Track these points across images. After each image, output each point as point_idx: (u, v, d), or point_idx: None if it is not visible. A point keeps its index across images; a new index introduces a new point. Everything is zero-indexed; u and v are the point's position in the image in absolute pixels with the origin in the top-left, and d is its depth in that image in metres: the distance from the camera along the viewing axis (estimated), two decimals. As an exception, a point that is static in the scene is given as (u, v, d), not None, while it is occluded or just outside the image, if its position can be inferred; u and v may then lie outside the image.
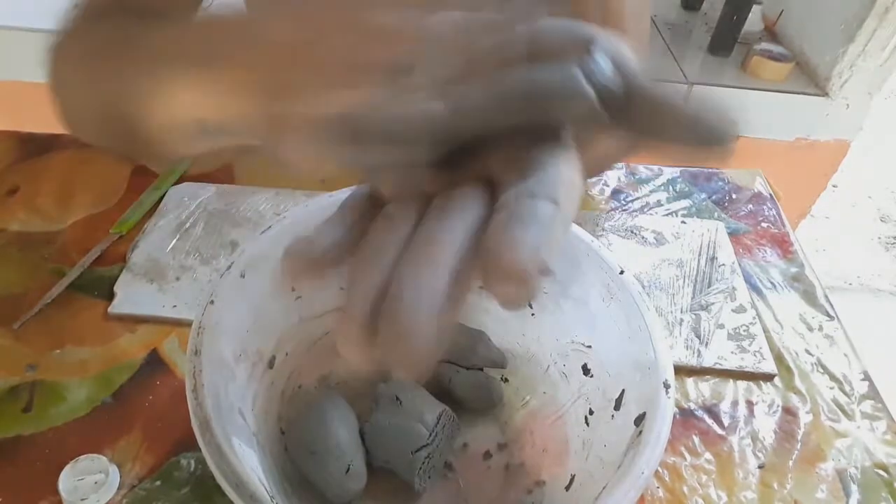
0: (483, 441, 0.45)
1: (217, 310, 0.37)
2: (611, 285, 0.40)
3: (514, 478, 0.43)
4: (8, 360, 0.49)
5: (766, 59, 1.33)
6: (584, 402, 0.42)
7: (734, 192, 0.70)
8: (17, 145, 0.70)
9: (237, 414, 0.37)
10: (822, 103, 1.33)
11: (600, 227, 0.63)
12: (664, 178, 0.71)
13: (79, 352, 0.50)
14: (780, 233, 0.66)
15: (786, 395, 0.50)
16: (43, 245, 0.58)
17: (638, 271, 0.59)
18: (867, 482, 0.45)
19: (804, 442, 0.47)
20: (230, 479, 0.30)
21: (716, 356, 0.52)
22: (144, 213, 0.62)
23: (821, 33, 1.35)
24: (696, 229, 0.64)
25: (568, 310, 0.44)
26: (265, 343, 0.42)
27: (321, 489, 0.39)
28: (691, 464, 0.46)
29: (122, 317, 0.53)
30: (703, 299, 0.57)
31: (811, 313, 0.57)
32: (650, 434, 0.33)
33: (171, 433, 0.45)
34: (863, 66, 1.28)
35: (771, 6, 1.48)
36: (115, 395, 0.47)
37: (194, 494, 0.42)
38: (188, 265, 0.57)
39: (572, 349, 0.43)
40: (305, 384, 0.46)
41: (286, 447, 0.42)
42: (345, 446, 0.40)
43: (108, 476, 0.41)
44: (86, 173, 0.66)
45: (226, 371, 0.37)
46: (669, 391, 0.34)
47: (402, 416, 0.41)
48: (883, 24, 1.23)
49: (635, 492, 0.31)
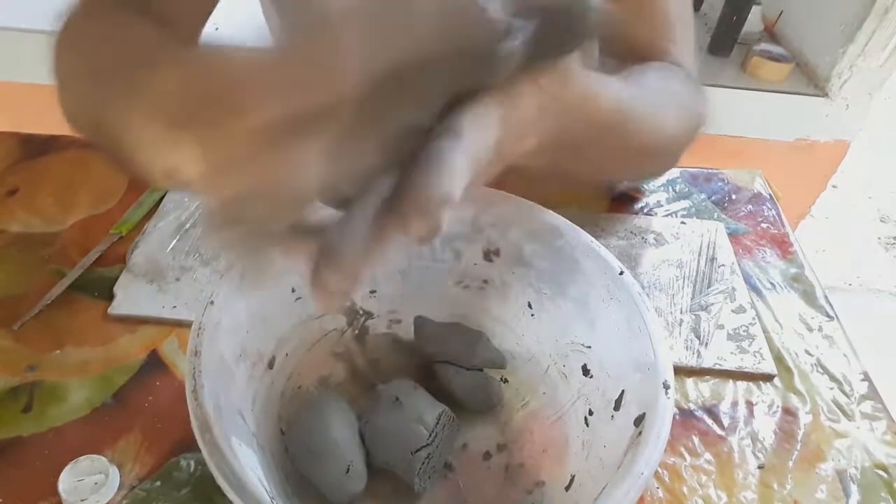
0: (483, 441, 0.45)
1: (217, 310, 0.37)
2: (610, 286, 0.40)
3: (513, 478, 0.43)
4: (8, 361, 0.49)
5: (765, 60, 1.34)
6: (583, 403, 0.42)
7: (734, 192, 0.70)
8: (17, 146, 0.70)
9: (237, 414, 0.37)
10: (822, 104, 1.33)
11: (600, 228, 0.63)
12: (664, 178, 0.71)
13: (79, 352, 0.50)
14: (780, 233, 0.66)
15: (785, 396, 0.51)
16: (43, 246, 0.58)
17: (637, 272, 0.59)
18: (867, 482, 0.45)
19: (804, 442, 0.47)
20: (230, 480, 0.30)
21: (715, 357, 0.52)
22: (144, 214, 0.62)
23: (820, 34, 1.35)
24: (695, 230, 0.64)
25: (567, 310, 0.44)
26: (265, 344, 0.42)
27: (321, 489, 0.39)
28: (691, 464, 0.46)
29: (122, 317, 0.53)
30: (702, 300, 0.57)
31: (811, 314, 0.57)
32: (650, 434, 0.33)
33: (171, 434, 0.45)
34: (863, 67, 1.29)
35: (771, 6, 1.48)
36: (115, 395, 0.47)
37: (194, 495, 0.42)
38: (188, 266, 0.57)
39: (572, 350, 0.44)
40: (305, 384, 0.46)
41: (286, 447, 0.42)
42: (345, 446, 0.40)
43: (108, 477, 0.41)
44: (86, 174, 0.66)
45: (226, 372, 0.37)
46: (669, 392, 0.34)
47: (402, 417, 0.41)
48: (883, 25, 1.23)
49: (635, 492, 0.31)
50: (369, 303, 0.49)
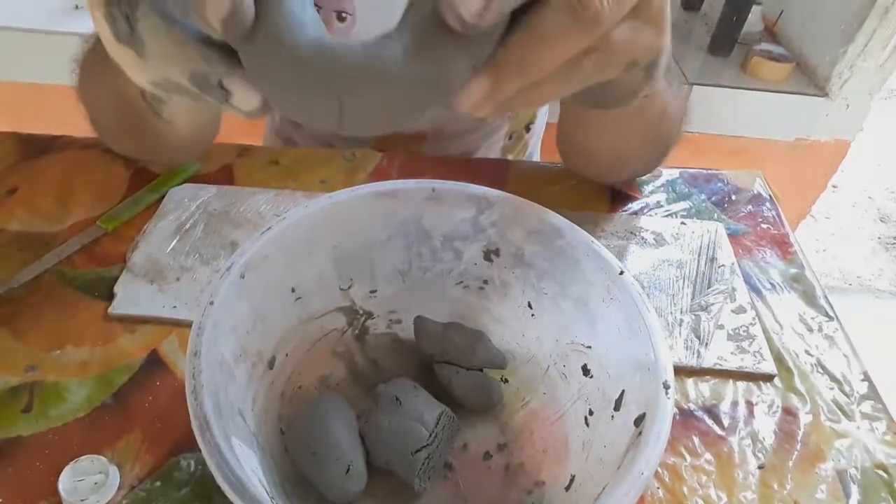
0: (483, 441, 0.45)
1: (217, 310, 0.37)
2: (610, 286, 0.40)
3: (513, 478, 0.43)
4: (8, 361, 0.49)
5: (765, 60, 1.34)
6: (583, 403, 0.42)
7: (734, 193, 0.70)
8: (17, 146, 0.70)
9: (237, 414, 0.37)
10: (822, 103, 1.34)
11: (600, 228, 0.63)
12: (663, 179, 0.71)
13: (79, 352, 0.50)
14: (780, 234, 0.66)
15: (785, 396, 0.51)
16: (42, 245, 0.58)
17: (638, 272, 0.59)
18: (867, 483, 0.45)
19: (804, 442, 0.47)
20: (230, 480, 0.30)
21: (715, 357, 0.52)
22: (138, 213, 0.62)
23: (821, 33, 1.35)
24: (695, 230, 0.64)
25: (568, 310, 0.44)
26: (265, 343, 0.42)
27: (321, 489, 0.39)
28: (691, 464, 0.46)
29: (121, 317, 0.53)
30: (702, 300, 0.57)
31: (811, 314, 0.57)
32: (650, 435, 0.33)
33: (171, 433, 0.45)
34: (863, 67, 1.29)
35: (771, 6, 1.48)
36: (115, 395, 0.47)
37: (194, 495, 0.42)
38: (188, 266, 0.57)
39: (572, 350, 0.44)
40: (305, 384, 0.46)
41: (286, 447, 0.42)
42: (345, 446, 0.40)
43: (108, 476, 0.41)
44: (86, 174, 0.66)
45: (226, 372, 0.37)
46: (669, 392, 0.34)
47: (402, 417, 0.41)
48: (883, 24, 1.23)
49: (635, 492, 0.31)
50: (369, 302, 0.49)
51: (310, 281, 0.45)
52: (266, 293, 0.42)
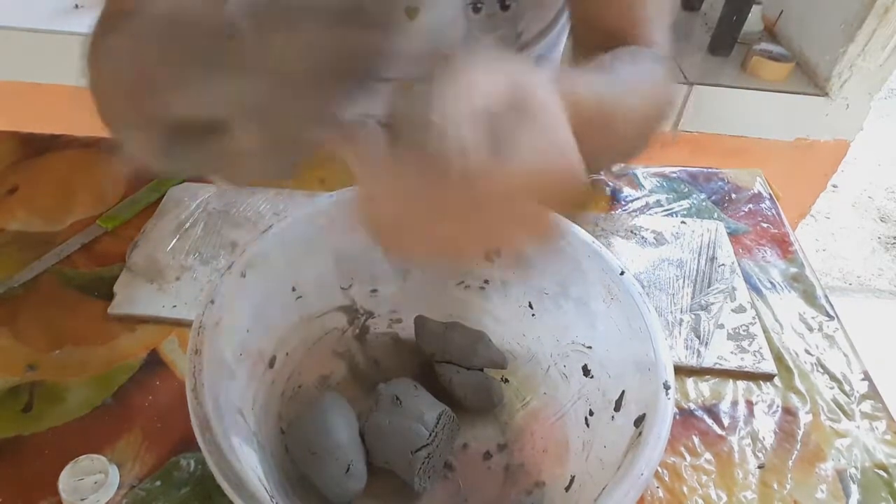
0: (483, 441, 0.45)
1: (217, 310, 0.37)
2: (611, 286, 0.40)
3: (514, 478, 0.43)
4: (8, 360, 0.49)
5: (765, 59, 1.33)
6: (584, 403, 0.42)
7: (734, 192, 0.70)
8: (17, 145, 0.70)
9: (237, 414, 0.37)
10: (822, 103, 1.33)
11: (600, 228, 0.63)
12: (664, 178, 0.71)
13: (79, 352, 0.50)
14: (780, 233, 0.66)
15: (785, 395, 0.51)
16: (42, 245, 0.58)
17: (638, 271, 0.59)
18: (867, 482, 0.45)
19: (804, 442, 0.47)
20: (230, 479, 0.30)
21: (715, 356, 0.52)
22: (137, 212, 0.62)
23: (821, 33, 1.35)
24: (695, 229, 0.64)
25: (568, 310, 0.44)
26: (265, 343, 0.42)
27: (321, 489, 0.39)
28: (691, 464, 0.46)
29: (121, 317, 0.53)
30: (702, 299, 0.57)
31: (811, 313, 0.57)
32: (650, 435, 0.33)
33: (171, 433, 0.45)
34: (863, 66, 1.28)
35: (771, 6, 1.48)
36: (115, 395, 0.47)
37: (194, 494, 0.42)
38: (188, 265, 0.57)
39: (573, 350, 0.44)
40: (305, 384, 0.46)
41: (286, 447, 0.42)
42: (345, 446, 0.40)
43: (108, 476, 0.41)
44: (86, 173, 0.66)
45: (226, 371, 0.37)
46: (669, 392, 0.34)
47: (402, 416, 0.41)
48: (883, 24, 1.23)
49: (635, 492, 0.31)
50: (370, 302, 0.49)
51: (310, 280, 0.45)
52: (267, 292, 0.42)
